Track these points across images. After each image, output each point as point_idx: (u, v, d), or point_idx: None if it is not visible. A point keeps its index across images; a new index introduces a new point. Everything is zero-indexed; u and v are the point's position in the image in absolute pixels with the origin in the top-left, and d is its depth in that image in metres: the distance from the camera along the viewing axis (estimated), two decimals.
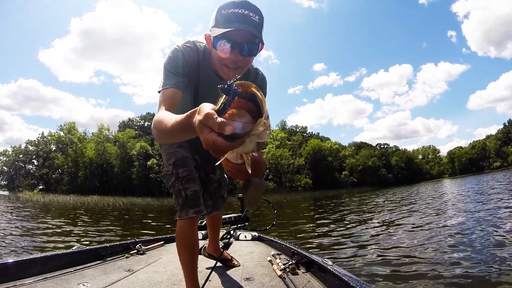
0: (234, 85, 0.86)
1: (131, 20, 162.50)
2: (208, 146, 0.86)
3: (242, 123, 0.87)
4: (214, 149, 0.87)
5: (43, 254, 2.74)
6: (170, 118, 1.22)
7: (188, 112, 1.03)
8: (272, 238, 4.52)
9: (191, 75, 1.79)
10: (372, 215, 14.26)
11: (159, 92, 1.67)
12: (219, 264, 3.02)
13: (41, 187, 68.23)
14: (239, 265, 2.97)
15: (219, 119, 0.83)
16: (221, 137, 0.84)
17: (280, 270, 2.73)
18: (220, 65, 1.68)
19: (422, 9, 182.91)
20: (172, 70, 1.70)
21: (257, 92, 0.88)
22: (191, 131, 0.99)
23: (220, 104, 0.86)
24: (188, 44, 1.81)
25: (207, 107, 0.87)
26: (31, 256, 2.62)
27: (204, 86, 1.86)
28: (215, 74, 1.83)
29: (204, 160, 2.30)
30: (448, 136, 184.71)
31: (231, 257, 3.07)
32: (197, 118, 0.88)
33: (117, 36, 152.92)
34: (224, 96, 0.86)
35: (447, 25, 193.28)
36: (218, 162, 1.02)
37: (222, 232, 4.54)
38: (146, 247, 3.85)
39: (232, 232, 4.75)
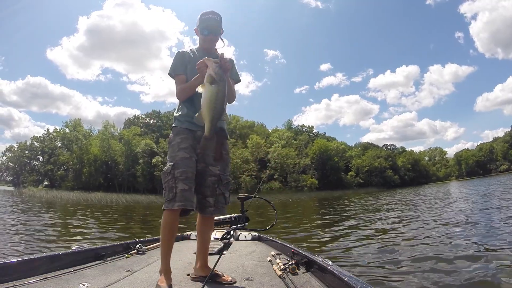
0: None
1: (138, 19, 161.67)
2: (198, 65, 2.51)
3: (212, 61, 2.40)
4: (199, 65, 2.49)
5: (43, 254, 2.80)
6: (183, 85, 2.77)
7: (195, 77, 2.63)
8: (272, 238, 4.62)
9: (190, 60, 2.81)
10: (375, 216, 14.32)
11: (171, 75, 2.84)
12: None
13: (46, 183, 68.52)
14: (235, 282, 2.65)
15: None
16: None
17: (280, 270, 2.77)
18: (204, 42, 2.92)
19: (429, 9, 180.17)
20: (174, 64, 2.84)
21: (220, 57, 2.45)
22: (193, 84, 2.61)
23: None
24: (184, 49, 2.92)
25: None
26: (31, 256, 2.66)
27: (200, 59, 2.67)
28: (203, 50, 2.91)
29: (207, 152, 2.68)
30: (454, 138, 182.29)
31: (222, 273, 2.76)
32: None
33: (124, 34, 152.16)
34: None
35: (455, 26, 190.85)
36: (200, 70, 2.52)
37: (222, 232, 4.83)
38: (146, 247, 3.84)
39: (232, 232, 4.82)
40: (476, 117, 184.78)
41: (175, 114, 2.85)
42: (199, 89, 2.39)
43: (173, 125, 2.81)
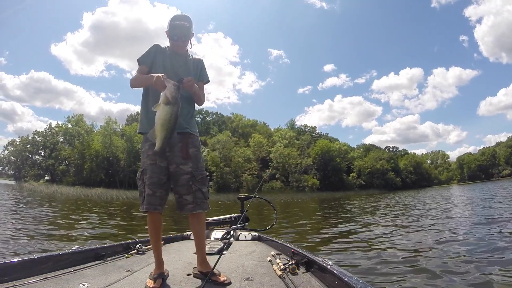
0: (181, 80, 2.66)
1: (143, 16, 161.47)
2: (157, 81, 2.55)
3: (170, 83, 2.51)
4: (157, 82, 2.55)
5: (43, 254, 2.78)
6: (140, 75, 2.88)
7: (151, 74, 2.69)
8: (272, 238, 4.63)
9: (159, 56, 2.98)
10: (375, 218, 14.50)
11: (138, 60, 2.98)
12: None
13: (47, 178, 68.52)
14: (229, 282, 2.66)
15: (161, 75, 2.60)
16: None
17: (280, 270, 2.78)
18: (173, 46, 3.01)
19: (434, 12, 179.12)
20: (146, 54, 2.97)
21: (185, 82, 2.66)
22: (147, 80, 2.71)
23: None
24: (157, 43, 3.06)
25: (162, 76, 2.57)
26: (31, 256, 2.66)
27: (170, 59, 3.00)
28: (173, 52, 3.02)
29: (176, 153, 2.82)
30: (457, 142, 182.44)
31: (219, 272, 2.79)
32: (157, 75, 2.57)
33: (128, 31, 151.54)
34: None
35: (459, 29, 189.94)
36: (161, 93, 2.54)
37: (222, 232, 4.90)
38: (146, 247, 3.82)
39: (232, 232, 4.82)
40: (479, 121, 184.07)
41: (140, 115, 3.06)
42: (155, 108, 2.56)
43: (139, 130, 2.99)
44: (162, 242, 4.11)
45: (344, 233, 9.72)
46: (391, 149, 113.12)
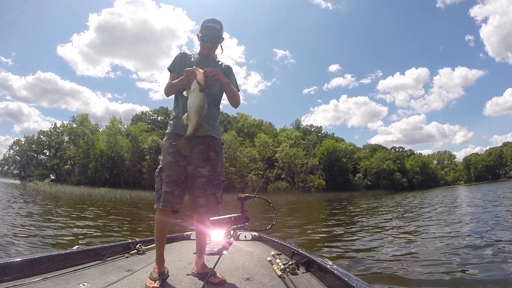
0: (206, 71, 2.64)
1: (148, 16, 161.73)
2: (187, 72, 2.62)
3: (200, 70, 2.59)
4: (188, 72, 2.61)
5: (43, 254, 2.77)
6: (171, 82, 2.90)
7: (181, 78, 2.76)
8: (272, 238, 4.68)
9: (186, 62, 3.00)
10: (378, 218, 14.46)
11: (169, 70, 3.02)
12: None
13: (52, 177, 68.66)
14: (224, 282, 2.69)
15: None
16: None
17: (280, 270, 2.81)
18: (203, 48, 3.04)
19: (439, 12, 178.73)
20: (173, 62, 3.02)
21: (206, 72, 2.59)
22: (179, 82, 2.78)
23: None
24: (184, 51, 3.14)
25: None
26: (31, 256, 2.65)
27: (197, 64, 2.91)
28: (202, 57, 3.07)
29: (196, 155, 2.83)
30: (463, 142, 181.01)
31: (215, 272, 2.79)
32: (186, 69, 2.68)
33: (134, 32, 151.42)
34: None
35: (465, 29, 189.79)
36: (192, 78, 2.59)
37: (222, 232, 4.85)
38: (146, 247, 3.85)
39: (232, 232, 4.60)
40: (485, 121, 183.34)
41: (169, 120, 3.13)
42: (187, 93, 2.62)
43: (166, 130, 3.05)
44: None
45: (345, 233, 9.74)
46: (397, 150, 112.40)
